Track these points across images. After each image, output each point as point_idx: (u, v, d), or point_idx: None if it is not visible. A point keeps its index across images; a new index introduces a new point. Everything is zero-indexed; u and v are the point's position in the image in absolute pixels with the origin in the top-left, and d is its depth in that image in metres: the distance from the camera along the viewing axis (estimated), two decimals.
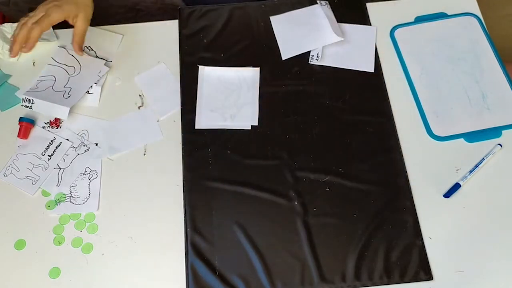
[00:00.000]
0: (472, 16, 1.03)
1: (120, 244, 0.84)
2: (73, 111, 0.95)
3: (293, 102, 0.95)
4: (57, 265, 0.83)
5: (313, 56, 0.98)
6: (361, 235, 0.83)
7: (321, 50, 0.98)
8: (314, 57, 0.98)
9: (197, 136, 0.92)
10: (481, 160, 0.88)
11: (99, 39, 1.03)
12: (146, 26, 1.05)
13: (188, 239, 0.83)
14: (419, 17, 1.03)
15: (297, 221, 0.84)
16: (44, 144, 0.92)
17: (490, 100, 0.94)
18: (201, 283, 0.80)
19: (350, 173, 0.88)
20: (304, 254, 0.82)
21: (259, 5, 1.05)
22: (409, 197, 0.86)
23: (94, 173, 0.90)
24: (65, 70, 0.98)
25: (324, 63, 0.98)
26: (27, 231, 0.86)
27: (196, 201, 0.86)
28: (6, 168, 0.91)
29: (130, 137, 0.93)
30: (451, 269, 0.81)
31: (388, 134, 0.92)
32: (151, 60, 1.01)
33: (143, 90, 0.98)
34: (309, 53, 0.98)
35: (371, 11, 1.04)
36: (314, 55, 0.98)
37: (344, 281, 0.80)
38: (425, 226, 0.84)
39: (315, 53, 0.98)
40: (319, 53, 0.98)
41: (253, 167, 0.89)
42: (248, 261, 0.82)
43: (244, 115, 0.94)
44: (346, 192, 0.87)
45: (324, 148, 0.90)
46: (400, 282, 0.80)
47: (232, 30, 1.03)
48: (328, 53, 0.99)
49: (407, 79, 0.97)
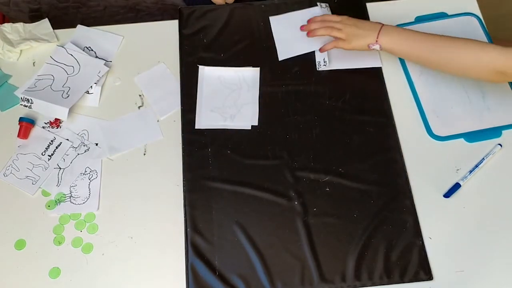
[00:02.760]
0: (472, 16, 1.03)
1: (120, 244, 0.84)
2: (73, 111, 0.95)
3: (293, 102, 0.95)
4: (57, 265, 0.83)
5: (320, 62, 0.97)
6: (361, 235, 0.83)
7: (326, 55, 0.97)
8: (321, 64, 0.97)
9: (197, 136, 0.92)
10: (481, 160, 0.88)
11: (99, 39, 1.03)
12: (146, 26, 1.05)
13: (188, 239, 0.83)
14: (419, 17, 1.03)
15: (297, 221, 0.84)
16: (44, 144, 0.92)
17: (490, 100, 0.94)
18: (201, 283, 0.80)
19: (350, 173, 0.88)
20: (304, 254, 0.82)
21: (259, 5, 1.05)
22: (409, 197, 0.86)
23: (94, 173, 0.90)
24: (64, 70, 0.98)
25: (332, 67, 0.97)
26: (27, 231, 0.86)
27: (196, 201, 0.86)
28: (6, 168, 0.91)
29: (130, 137, 0.93)
30: (451, 269, 0.81)
31: (388, 134, 0.92)
32: (151, 60, 1.01)
33: (143, 90, 0.98)
34: (315, 61, 0.98)
35: (371, 11, 1.04)
36: (320, 61, 0.97)
37: (344, 281, 0.80)
38: (425, 226, 0.84)
39: (321, 59, 0.97)
40: (325, 58, 0.97)
41: (253, 167, 0.89)
42: (248, 261, 0.82)
43: (244, 115, 0.94)
44: (346, 192, 0.87)
45: (324, 148, 0.90)
46: (400, 282, 0.80)
47: (232, 30, 1.02)
48: (333, 56, 0.98)
49: (407, 79, 0.97)
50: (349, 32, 0.91)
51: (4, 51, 1.00)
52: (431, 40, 0.86)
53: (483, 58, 0.82)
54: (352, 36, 0.91)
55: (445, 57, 0.85)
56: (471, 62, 0.84)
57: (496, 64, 0.80)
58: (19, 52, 1.01)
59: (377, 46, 0.90)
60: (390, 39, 0.88)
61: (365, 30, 0.91)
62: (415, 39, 0.87)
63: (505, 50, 0.80)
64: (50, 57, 0.99)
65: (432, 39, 0.86)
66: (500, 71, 0.81)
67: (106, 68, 0.99)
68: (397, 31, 0.89)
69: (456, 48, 0.84)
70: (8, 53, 1.00)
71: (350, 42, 0.92)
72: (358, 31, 0.91)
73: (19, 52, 1.01)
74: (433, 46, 0.86)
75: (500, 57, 0.80)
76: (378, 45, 0.89)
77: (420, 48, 0.87)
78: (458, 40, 0.86)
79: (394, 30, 0.89)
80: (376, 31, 0.89)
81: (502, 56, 0.80)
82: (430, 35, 0.87)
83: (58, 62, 0.99)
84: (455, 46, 0.84)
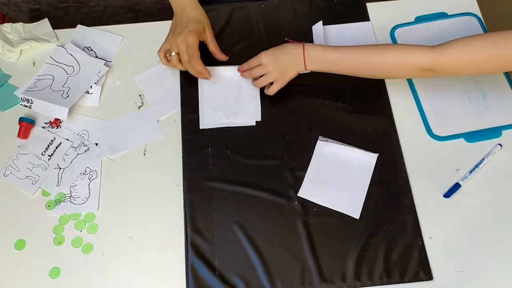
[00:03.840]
0: (472, 16, 1.03)
1: (120, 244, 0.84)
2: (73, 111, 0.95)
3: (293, 102, 0.95)
4: (57, 265, 0.83)
5: None
6: (361, 235, 0.83)
7: None
8: None
9: (197, 136, 0.92)
10: (481, 160, 0.88)
11: (99, 39, 1.03)
12: (146, 26, 1.05)
13: (188, 239, 0.83)
14: (419, 17, 1.03)
15: (297, 221, 0.84)
16: (44, 144, 0.92)
17: (490, 100, 0.94)
18: (201, 283, 0.80)
19: None
20: (304, 254, 0.82)
21: (259, 5, 1.05)
22: (409, 197, 0.86)
23: (94, 173, 0.90)
24: (64, 70, 0.98)
25: None
26: (27, 231, 0.86)
27: (196, 201, 0.86)
28: (6, 168, 0.91)
29: (130, 137, 0.93)
30: (451, 269, 0.81)
31: (388, 134, 0.92)
32: (151, 60, 1.01)
33: (143, 90, 0.98)
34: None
35: (371, 11, 1.04)
36: None
37: (344, 281, 0.80)
38: (425, 226, 0.84)
39: None
40: None
41: (253, 167, 0.89)
42: (248, 261, 0.82)
43: (247, 111, 0.94)
44: None
45: None
46: (400, 282, 0.80)
47: (232, 30, 1.03)
48: None
49: (407, 78, 0.97)
50: (276, 71, 0.89)
51: (4, 51, 1.00)
52: (355, 51, 0.85)
53: (412, 58, 0.81)
54: (281, 74, 0.89)
55: (373, 61, 0.84)
56: (399, 63, 0.83)
57: (424, 63, 0.81)
58: (19, 52, 1.01)
59: (307, 72, 0.89)
60: (318, 63, 0.87)
61: (289, 60, 0.88)
62: (340, 55, 0.85)
63: (432, 50, 0.80)
64: (50, 57, 0.99)
65: (356, 49, 0.85)
66: (428, 68, 0.81)
67: (106, 68, 0.99)
68: (322, 55, 0.86)
69: (383, 52, 0.84)
70: (8, 53, 1.00)
71: (283, 79, 0.90)
72: (282, 65, 0.88)
73: (19, 52, 1.01)
74: (359, 54, 0.85)
75: (428, 57, 0.80)
76: (308, 70, 0.88)
77: (345, 63, 0.86)
78: (383, 45, 0.87)
79: (319, 53, 0.86)
80: (300, 56, 0.86)
81: (430, 57, 0.80)
82: (352, 47, 0.86)
83: (58, 62, 0.99)
84: (381, 51, 0.84)
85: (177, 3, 0.96)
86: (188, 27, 0.92)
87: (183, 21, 0.94)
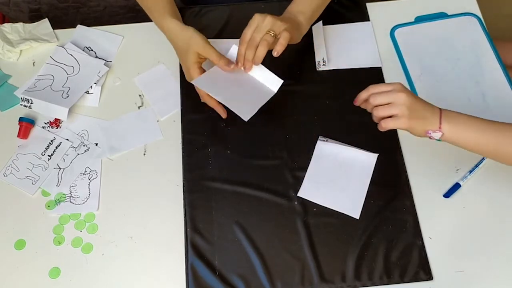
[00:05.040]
0: (472, 16, 1.03)
1: (120, 244, 0.84)
2: (73, 111, 0.95)
3: (293, 102, 0.95)
4: (57, 265, 0.83)
5: (320, 62, 0.97)
6: (361, 235, 0.83)
7: (326, 55, 0.97)
8: (320, 63, 0.97)
9: (197, 136, 0.92)
10: (481, 160, 0.88)
11: (99, 39, 1.03)
12: (146, 26, 1.05)
13: (188, 239, 0.83)
14: (419, 17, 1.03)
15: (297, 221, 0.84)
16: (44, 144, 0.92)
17: (490, 100, 0.94)
18: (201, 283, 0.80)
19: None
20: (304, 254, 0.82)
21: (259, 5, 1.05)
22: (409, 197, 0.86)
23: (94, 173, 0.90)
24: (64, 70, 0.98)
25: (332, 67, 0.98)
26: (27, 231, 0.86)
27: (196, 201, 0.86)
28: (6, 168, 0.91)
29: (130, 137, 0.93)
30: (451, 269, 0.81)
31: (388, 134, 0.91)
32: (151, 60, 1.01)
33: (143, 90, 0.98)
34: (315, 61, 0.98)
35: (371, 11, 1.04)
36: (320, 61, 0.97)
37: (344, 281, 0.80)
38: (425, 226, 0.84)
39: (321, 59, 0.97)
40: (324, 58, 0.97)
41: (253, 167, 0.89)
42: (248, 261, 0.82)
43: (245, 103, 0.87)
44: None
45: None
46: (400, 282, 0.80)
47: (232, 30, 1.02)
48: (333, 56, 0.98)
49: (407, 79, 0.97)
50: (406, 111, 0.73)
51: (4, 51, 1.00)
52: (501, 130, 0.74)
53: None
54: (409, 119, 0.73)
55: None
56: None
57: None
58: (19, 52, 1.01)
59: (438, 134, 0.74)
60: (456, 129, 0.73)
61: (424, 114, 0.73)
62: (484, 128, 0.73)
63: None
64: (50, 57, 0.99)
65: (501, 128, 0.74)
66: None
67: (106, 68, 0.99)
68: (463, 119, 0.74)
69: None
70: (8, 53, 1.00)
71: (407, 122, 0.73)
72: (414, 113, 0.73)
73: (19, 52, 1.01)
74: (503, 137, 0.73)
75: None
76: (440, 133, 0.73)
77: (489, 140, 0.73)
78: None
79: (459, 117, 0.74)
80: (437, 114, 0.74)
81: None
82: (498, 124, 0.74)
83: (58, 62, 0.99)
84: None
85: (164, 31, 0.92)
86: (186, 64, 0.89)
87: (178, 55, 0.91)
